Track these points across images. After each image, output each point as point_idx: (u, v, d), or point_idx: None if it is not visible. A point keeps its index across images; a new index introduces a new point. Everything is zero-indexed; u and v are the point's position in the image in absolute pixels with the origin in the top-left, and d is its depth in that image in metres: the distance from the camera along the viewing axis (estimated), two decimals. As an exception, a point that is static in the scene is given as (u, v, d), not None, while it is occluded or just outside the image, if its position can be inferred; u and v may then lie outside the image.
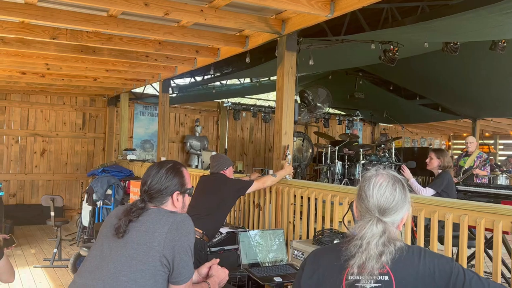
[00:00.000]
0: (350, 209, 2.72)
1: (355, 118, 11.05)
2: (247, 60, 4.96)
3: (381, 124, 12.81)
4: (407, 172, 4.74)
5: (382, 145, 10.43)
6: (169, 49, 5.01)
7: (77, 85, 7.69)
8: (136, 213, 1.74)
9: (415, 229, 3.15)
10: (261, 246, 2.73)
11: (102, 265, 1.68)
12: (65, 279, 5.27)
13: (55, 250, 5.83)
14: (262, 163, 11.54)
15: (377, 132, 13.04)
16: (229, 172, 4.02)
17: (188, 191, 1.90)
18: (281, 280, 2.47)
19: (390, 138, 10.12)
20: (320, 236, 2.81)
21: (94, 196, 5.74)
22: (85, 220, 6.54)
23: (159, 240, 1.67)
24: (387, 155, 9.27)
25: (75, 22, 4.00)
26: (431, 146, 13.89)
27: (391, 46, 4.84)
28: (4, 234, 2.57)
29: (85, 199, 6.16)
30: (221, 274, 1.97)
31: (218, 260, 2.01)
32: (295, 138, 8.16)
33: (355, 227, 1.51)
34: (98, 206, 5.82)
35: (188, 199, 1.92)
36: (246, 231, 3.57)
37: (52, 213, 6.04)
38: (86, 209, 6.34)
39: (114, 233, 1.71)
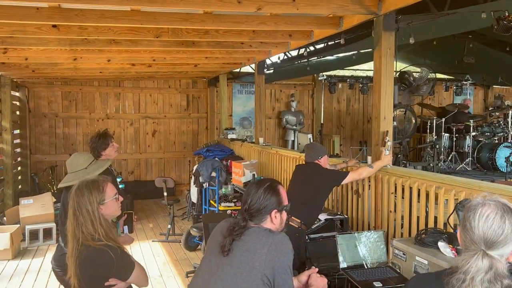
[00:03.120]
0: (455, 211, 2.58)
1: (464, 83, 9.98)
2: (342, 41, 4.79)
3: (496, 86, 11.53)
4: None
5: (497, 113, 9.45)
6: (263, 36, 5.05)
7: (180, 71, 8.19)
8: (239, 232, 1.87)
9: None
10: (359, 249, 2.73)
11: (211, 282, 1.86)
12: (179, 254, 5.84)
13: (169, 226, 6.46)
14: (361, 135, 11.23)
15: (490, 96, 11.76)
16: (323, 161, 3.99)
17: (285, 208, 1.99)
18: (381, 285, 2.47)
19: (506, 105, 9.09)
20: (423, 236, 2.72)
21: (201, 179, 6.20)
22: (194, 197, 7.12)
23: (260, 260, 1.79)
24: (502, 124, 8.41)
25: (175, 23, 4.24)
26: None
27: (506, 13, 4.29)
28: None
29: (192, 181, 6.67)
30: (320, 283, 2.04)
31: (317, 269, 2.09)
32: (395, 110, 7.72)
33: (458, 259, 1.45)
34: (205, 187, 6.28)
35: (285, 215, 2.01)
36: (343, 232, 3.55)
37: (165, 193, 6.68)
38: (194, 188, 6.88)
39: (220, 251, 1.87)
